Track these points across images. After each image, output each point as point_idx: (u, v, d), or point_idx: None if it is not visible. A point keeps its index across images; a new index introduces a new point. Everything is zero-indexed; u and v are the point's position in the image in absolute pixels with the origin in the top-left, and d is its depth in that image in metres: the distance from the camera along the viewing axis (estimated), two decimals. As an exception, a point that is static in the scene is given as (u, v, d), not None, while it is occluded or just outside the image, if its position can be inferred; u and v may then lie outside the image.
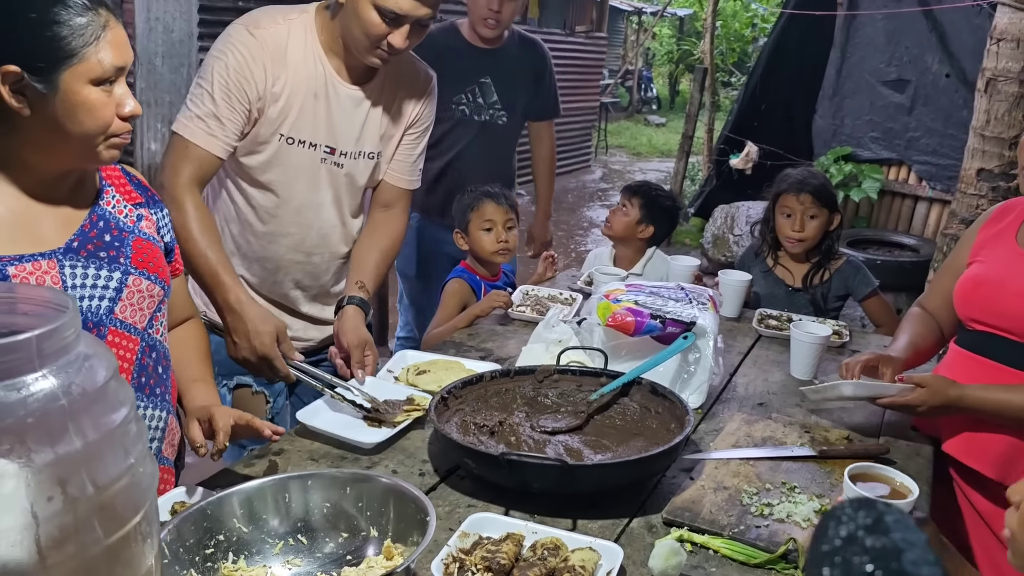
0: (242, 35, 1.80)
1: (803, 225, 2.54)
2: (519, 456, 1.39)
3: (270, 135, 1.86)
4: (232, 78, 1.77)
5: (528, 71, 2.94)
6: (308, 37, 1.85)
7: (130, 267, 1.36)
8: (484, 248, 2.51)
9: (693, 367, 1.83)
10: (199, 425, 1.41)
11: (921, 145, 6.07)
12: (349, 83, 1.90)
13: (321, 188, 1.95)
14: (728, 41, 10.94)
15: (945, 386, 1.65)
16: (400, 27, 1.75)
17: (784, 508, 1.40)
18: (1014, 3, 3.75)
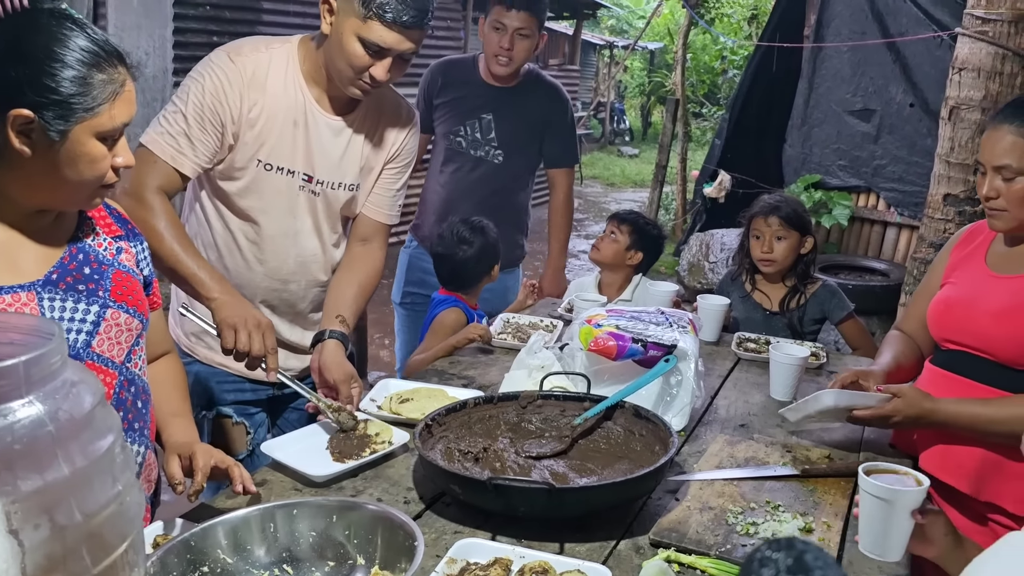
0: (222, 60, 1.82)
1: (771, 247, 2.58)
2: (506, 480, 1.38)
3: (247, 161, 1.87)
4: (207, 101, 1.78)
5: (537, 114, 2.89)
6: (290, 66, 1.87)
7: (108, 300, 1.35)
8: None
9: (675, 390, 1.84)
10: (179, 461, 1.39)
11: (888, 172, 6.20)
12: (330, 113, 1.91)
13: (299, 215, 1.96)
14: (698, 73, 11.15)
15: (919, 398, 1.67)
16: (383, 60, 1.77)
17: (769, 527, 1.41)
18: (974, 34, 3.87)
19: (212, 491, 1.93)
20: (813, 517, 1.46)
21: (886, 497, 1.29)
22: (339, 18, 1.75)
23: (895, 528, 1.30)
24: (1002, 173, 1.65)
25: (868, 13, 6.14)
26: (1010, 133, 1.64)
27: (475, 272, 2.52)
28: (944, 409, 1.67)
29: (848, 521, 1.48)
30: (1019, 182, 1.64)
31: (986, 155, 1.68)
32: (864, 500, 1.33)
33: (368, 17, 1.71)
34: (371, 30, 1.72)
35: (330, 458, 1.63)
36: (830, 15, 6.39)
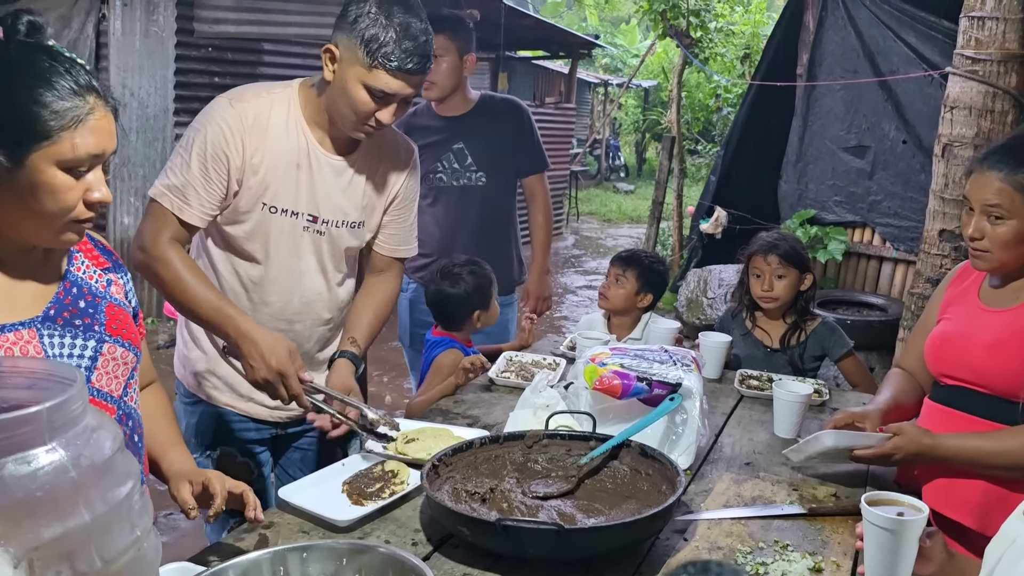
0: (223, 107, 1.84)
1: (771, 285, 2.61)
2: (515, 522, 1.38)
3: (252, 205, 1.88)
4: (210, 150, 1.80)
5: (503, 130, 2.98)
6: (291, 110, 1.89)
7: (104, 334, 1.34)
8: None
9: (681, 428, 1.85)
10: (191, 487, 1.39)
11: (883, 208, 6.25)
12: (332, 153, 1.93)
13: (304, 255, 1.97)
14: (693, 111, 11.28)
15: (919, 435, 1.68)
16: (388, 105, 1.80)
17: (779, 567, 1.41)
18: (964, 73, 3.94)
19: (219, 530, 1.93)
20: (822, 556, 1.46)
21: (893, 528, 1.31)
22: (342, 66, 1.78)
23: (903, 557, 1.31)
24: (990, 213, 1.68)
25: (860, 52, 6.25)
26: (998, 180, 1.67)
27: (462, 311, 2.53)
28: (944, 444, 1.68)
29: (857, 560, 1.48)
30: (1004, 225, 1.67)
31: (975, 196, 1.71)
32: (870, 532, 1.34)
33: (373, 66, 1.74)
34: (376, 78, 1.75)
35: (348, 501, 1.63)
36: (822, 54, 6.50)
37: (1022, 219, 1.66)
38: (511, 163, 3.03)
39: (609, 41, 20.00)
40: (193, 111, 1.87)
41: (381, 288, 2.10)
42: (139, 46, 6.14)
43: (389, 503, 1.60)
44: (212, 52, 6.14)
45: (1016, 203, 1.66)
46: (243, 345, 1.73)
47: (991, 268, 1.75)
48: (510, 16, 8.73)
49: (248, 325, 1.75)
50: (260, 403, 2.04)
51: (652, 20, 7.71)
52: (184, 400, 2.10)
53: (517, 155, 3.02)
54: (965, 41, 3.97)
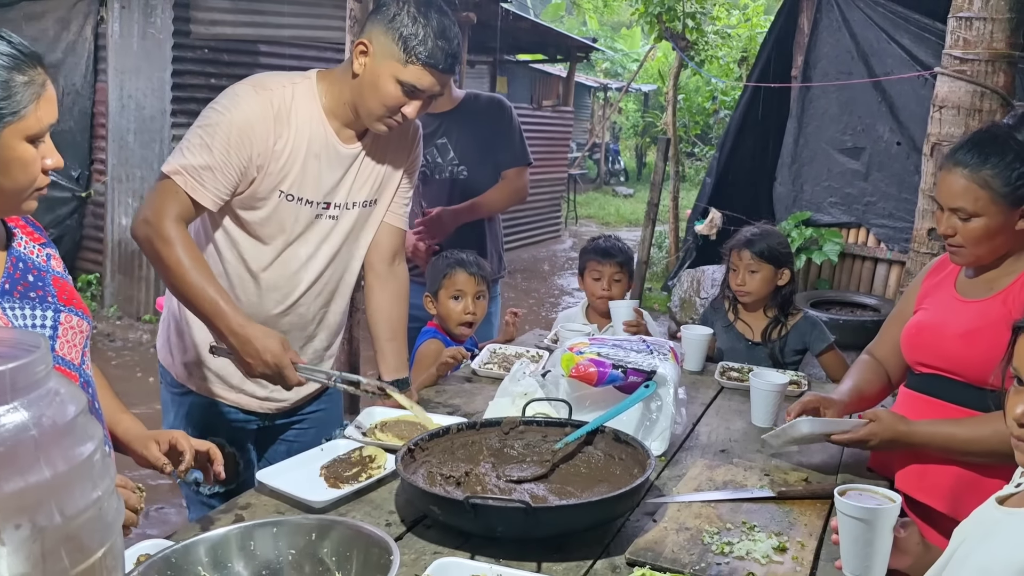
0: (248, 94, 1.85)
1: (744, 279, 2.64)
2: (483, 500, 1.41)
3: (269, 192, 1.90)
4: (235, 134, 1.81)
5: (487, 126, 3.01)
6: (312, 101, 1.92)
7: (59, 305, 1.36)
8: (451, 316, 2.56)
9: (655, 415, 1.87)
10: (158, 446, 1.43)
11: (877, 209, 6.28)
12: (348, 143, 1.97)
13: (316, 240, 2.00)
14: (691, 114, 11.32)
15: (894, 421, 1.71)
16: (415, 99, 1.85)
17: (744, 546, 1.43)
18: (952, 73, 3.97)
19: (200, 509, 1.97)
20: (787, 536, 1.48)
21: (866, 518, 1.32)
22: (375, 60, 1.82)
23: (878, 547, 1.32)
24: (957, 214, 1.71)
25: (854, 54, 6.28)
26: (963, 177, 1.70)
27: None
28: (919, 431, 1.71)
29: (822, 541, 1.50)
30: (974, 223, 1.70)
31: (942, 196, 1.74)
32: (844, 523, 1.35)
33: (409, 61, 1.80)
34: (410, 73, 1.80)
35: (325, 484, 1.66)
36: (817, 56, 6.54)
37: (989, 215, 1.69)
38: (493, 158, 3.06)
39: (609, 45, 20.07)
40: (190, 112, 1.91)
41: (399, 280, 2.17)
42: (136, 48, 6.19)
43: (365, 486, 1.63)
44: (209, 54, 6.18)
45: (981, 201, 1.69)
46: (236, 343, 1.76)
47: (967, 263, 1.79)
48: (508, 20, 8.78)
49: (240, 321, 1.77)
50: (251, 394, 2.06)
51: (648, 23, 7.75)
52: (172, 390, 2.11)
53: (499, 150, 3.05)
54: (953, 41, 4.01)
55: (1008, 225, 1.70)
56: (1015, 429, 1.14)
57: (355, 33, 4.14)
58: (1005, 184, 1.67)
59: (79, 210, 7.01)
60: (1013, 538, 1.10)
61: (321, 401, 2.21)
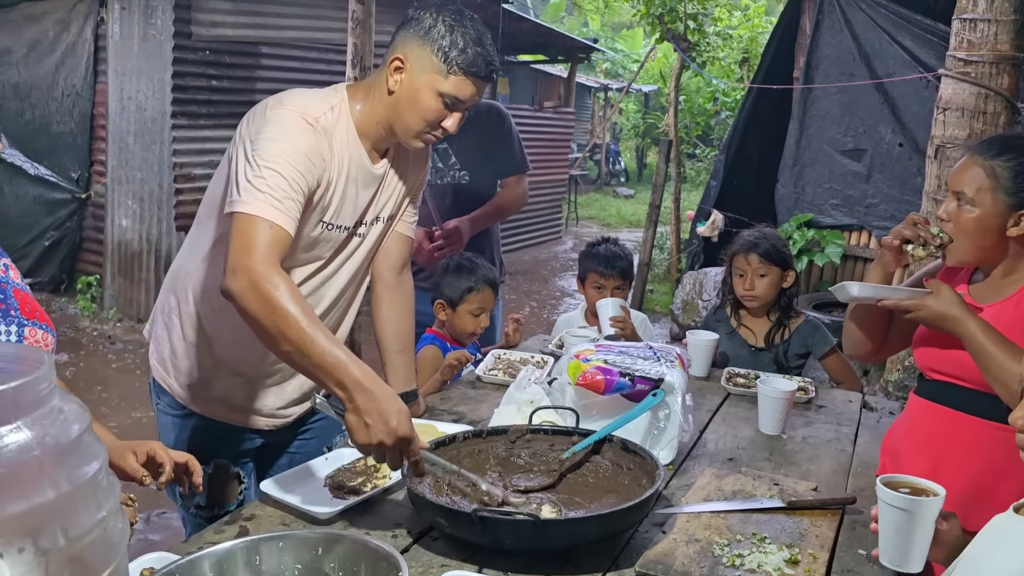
0: (300, 123, 1.74)
1: (753, 284, 2.63)
2: (491, 513, 1.39)
3: (315, 223, 1.84)
4: (304, 164, 1.71)
5: (486, 133, 3.01)
6: (349, 126, 1.86)
7: (22, 319, 1.32)
8: (466, 329, 2.57)
9: (663, 423, 1.86)
10: (135, 457, 1.40)
11: (879, 211, 6.27)
12: (376, 162, 1.93)
13: (341, 259, 1.97)
14: (692, 115, 11.30)
15: (952, 300, 1.65)
16: (455, 112, 1.82)
17: (755, 558, 1.42)
18: (956, 75, 3.96)
19: (198, 524, 1.94)
20: (799, 548, 1.46)
21: (909, 508, 1.31)
22: (412, 75, 1.78)
23: (917, 538, 1.31)
24: (958, 198, 1.70)
25: (856, 55, 6.27)
26: (975, 164, 1.69)
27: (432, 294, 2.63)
28: (967, 325, 1.63)
29: (834, 552, 1.48)
30: (968, 211, 1.68)
31: (951, 179, 1.73)
32: (884, 512, 1.34)
33: (451, 72, 1.76)
34: (451, 84, 1.76)
35: (330, 495, 1.64)
36: (819, 57, 6.52)
37: (985, 207, 1.67)
38: (492, 165, 3.06)
39: (610, 46, 20.05)
40: (190, 114, 1.85)
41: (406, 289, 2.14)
42: (137, 49, 6.17)
43: (370, 496, 1.61)
44: (210, 55, 6.15)
45: (983, 189, 1.66)
46: (358, 398, 1.47)
47: (957, 260, 1.75)
48: (508, 21, 8.76)
49: (366, 375, 1.50)
50: (256, 413, 2.02)
51: (650, 24, 7.73)
52: (171, 412, 2.03)
53: (497, 158, 3.05)
54: (957, 43, 3.99)
55: (1000, 225, 1.67)
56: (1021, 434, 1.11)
57: (357, 35, 4.13)
58: (1012, 179, 1.65)
59: (79, 212, 7.00)
60: (1008, 547, 1.09)
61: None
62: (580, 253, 2.95)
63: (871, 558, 1.38)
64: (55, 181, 6.98)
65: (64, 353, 5.76)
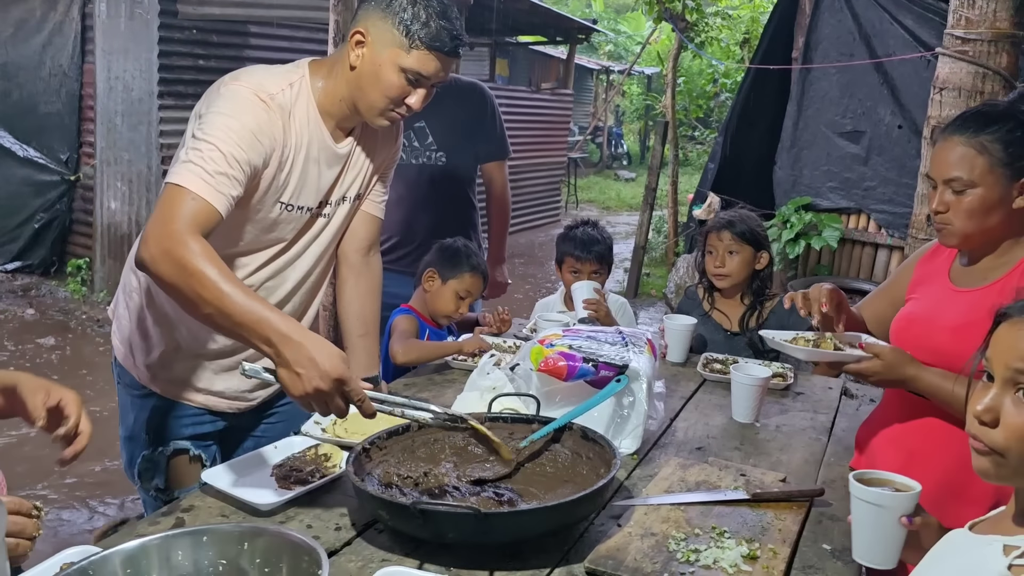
0: (253, 100, 1.69)
1: (723, 261, 2.55)
2: (432, 505, 1.32)
3: (271, 204, 1.79)
4: (248, 141, 1.65)
5: (466, 114, 2.94)
6: (309, 103, 1.79)
7: None
8: (445, 308, 2.52)
9: (627, 411, 1.79)
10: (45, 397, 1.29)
11: (878, 194, 6.16)
12: (339, 142, 1.86)
13: (305, 241, 1.91)
14: (691, 97, 11.17)
15: (902, 362, 1.61)
16: (420, 88, 1.74)
17: (711, 554, 1.35)
18: (954, 54, 3.85)
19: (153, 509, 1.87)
20: (759, 543, 1.40)
21: (879, 503, 1.26)
22: (374, 50, 1.71)
23: (890, 535, 1.27)
24: (952, 186, 1.60)
25: (855, 35, 6.14)
26: (960, 144, 1.59)
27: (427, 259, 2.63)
28: (925, 379, 1.61)
29: (796, 548, 1.42)
30: (969, 195, 1.59)
31: (936, 169, 1.63)
32: (856, 507, 1.30)
33: (413, 46, 1.68)
34: (414, 59, 1.69)
35: (276, 485, 1.57)
36: (818, 37, 6.40)
37: (987, 186, 1.58)
38: (471, 146, 2.98)
39: (612, 27, 19.87)
40: (177, 94, 1.77)
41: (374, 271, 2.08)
42: (124, 28, 6.08)
43: (316, 487, 1.55)
44: (197, 34, 6.06)
45: (979, 168, 1.58)
46: (286, 350, 1.42)
47: (957, 243, 1.68)
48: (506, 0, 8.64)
49: (290, 327, 1.45)
50: (218, 395, 1.96)
51: (648, 3, 7.61)
52: (132, 392, 1.99)
53: (477, 139, 2.97)
54: (955, 21, 3.88)
55: (1005, 200, 1.59)
56: (973, 426, 1.04)
57: (339, 12, 4.03)
58: (1004, 150, 1.57)
59: (68, 194, 6.94)
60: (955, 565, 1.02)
61: (289, 394, 2.12)
62: (558, 236, 2.87)
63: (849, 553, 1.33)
64: (44, 163, 6.91)
65: (51, 337, 5.71)
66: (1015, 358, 1.00)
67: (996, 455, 1.01)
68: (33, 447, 3.87)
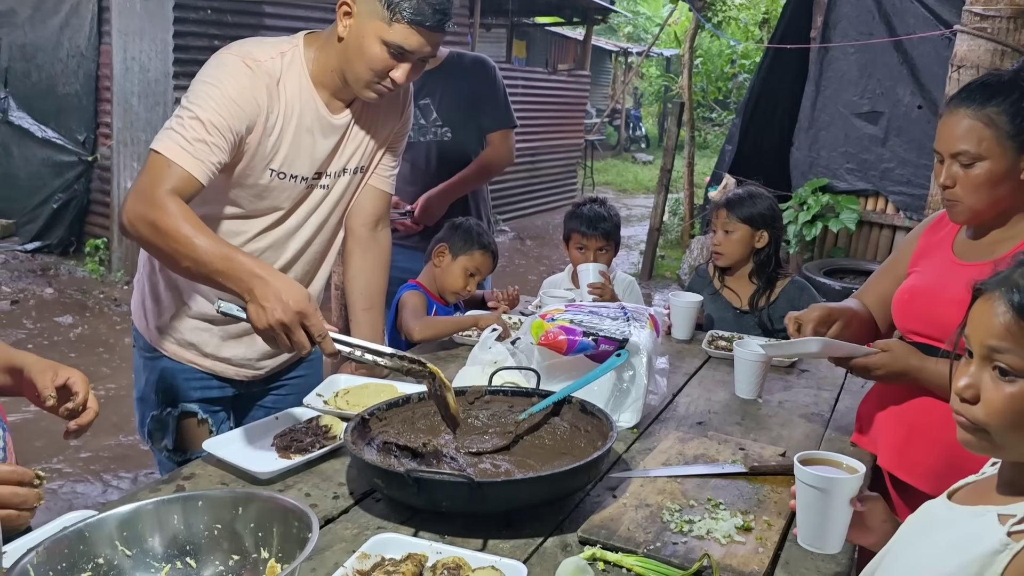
0: (239, 66, 1.73)
1: (720, 239, 2.55)
2: (426, 473, 1.33)
3: (261, 171, 1.81)
4: (227, 108, 1.68)
5: (467, 89, 2.92)
6: (301, 71, 1.81)
7: None
8: (454, 284, 2.52)
9: (627, 385, 1.79)
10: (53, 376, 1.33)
11: (896, 176, 6.09)
12: (337, 113, 1.87)
13: (305, 211, 1.93)
14: (710, 78, 11.06)
15: (906, 354, 1.60)
16: (404, 63, 1.74)
17: (705, 524, 1.35)
18: (972, 31, 3.79)
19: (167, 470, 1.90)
20: (754, 515, 1.40)
21: (821, 486, 1.22)
22: (359, 21, 1.71)
23: (833, 518, 1.23)
24: (959, 160, 1.58)
25: (875, 14, 6.05)
26: (967, 117, 1.56)
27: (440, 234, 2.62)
28: (930, 369, 1.59)
29: (792, 521, 1.41)
30: (977, 168, 1.56)
31: (942, 143, 1.61)
32: (800, 490, 1.26)
33: (394, 20, 1.68)
34: (396, 33, 1.69)
35: (276, 454, 1.59)
36: (837, 16, 6.31)
37: (994, 158, 1.56)
38: (476, 120, 2.96)
39: (631, 8, 19.68)
40: (193, 75, 1.77)
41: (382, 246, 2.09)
42: (140, 9, 6.10)
43: (316, 457, 1.57)
44: (212, 15, 6.07)
45: (986, 141, 1.55)
46: (255, 287, 1.50)
47: (965, 219, 1.65)
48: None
49: (261, 267, 1.55)
50: (226, 361, 2.00)
51: (664, -18, 7.52)
52: (144, 354, 2.04)
53: (483, 112, 2.95)
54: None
55: (1012, 173, 1.56)
56: (955, 402, 1.03)
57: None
58: (1011, 122, 1.53)
59: (86, 174, 7.00)
60: (946, 538, 1.01)
61: (301, 367, 2.15)
62: (566, 213, 2.86)
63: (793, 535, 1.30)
64: (62, 143, 6.97)
65: (69, 315, 5.79)
66: (988, 335, 0.99)
67: (980, 430, 1.00)
68: (49, 422, 3.92)
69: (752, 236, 2.52)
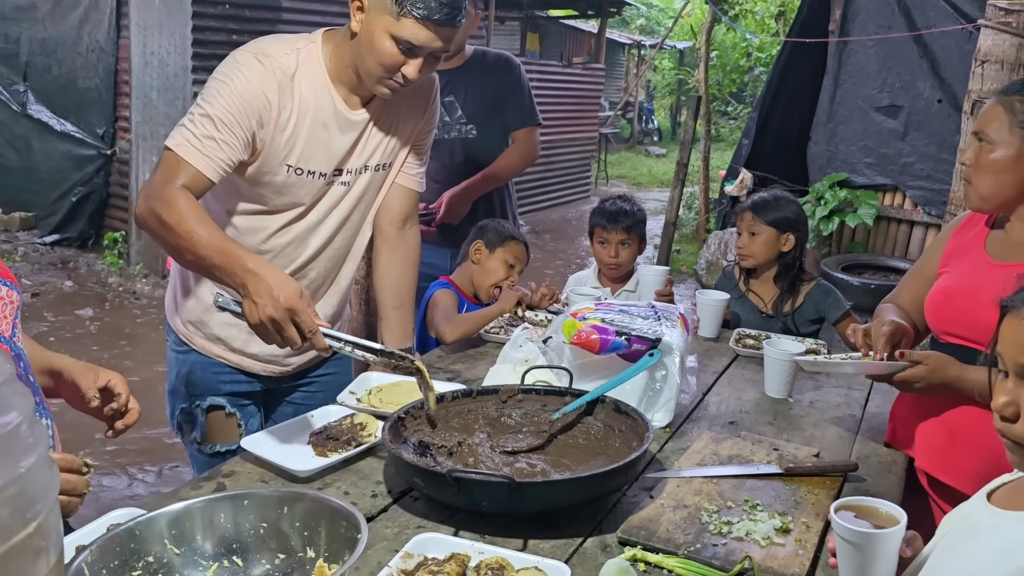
0: (250, 63, 1.75)
1: (745, 241, 2.54)
2: (466, 473, 1.34)
3: (277, 166, 1.82)
4: (236, 104, 1.71)
5: (492, 87, 2.93)
6: (318, 67, 1.82)
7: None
8: (496, 276, 2.53)
9: (660, 385, 1.79)
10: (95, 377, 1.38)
11: (915, 171, 6.05)
12: (356, 109, 1.88)
13: (326, 208, 1.94)
14: (725, 72, 11.00)
15: (945, 365, 1.59)
16: (415, 58, 1.74)
17: (744, 526, 1.35)
18: (997, 25, 3.76)
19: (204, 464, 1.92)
20: (792, 517, 1.40)
21: (860, 542, 1.12)
22: (370, 16, 1.72)
23: (876, 572, 1.14)
24: (979, 138, 1.62)
25: (894, 7, 6.01)
26: (997, 102, 1.61)
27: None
28: (970, 378, 1.57)
29: (829, 524, 1.41)
30: (988, 150, 1.60)
31: (976, 123, 1.66)
32: (840, 544, 1.17)
33: (402, 15, 1.68)
34: (404, 28, 1.69)
35: (312, 452, 1.60)
36: (856, 9, 6.26)
37: (1004, 144, 1.58)
38: (501, 118, 2.97)
39: (644, 1, 19.58)
40: (211, 69, 1.79)
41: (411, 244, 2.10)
42: (158, 4, 6.12)
43: (353, 455, 1.58)
44: (230, 9, 6.09)
45: (1003, 127, 1.59)
46: (249, 282, 1.55)
47: (975, 204, 1.68)
48: (537, -27, 8.56)
49: (256, 263, 1.58)
50: (252, 357, 2.02)
51: (680, -25, 7.48)
52: (175, 348, 2.07)
53: (507, 109, 2.95)
54: (999, -9, 3.78)
55: (1018, 165, 1.58)
56: (998, 422, 1.03)
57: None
58: None
59: (105, 168, 7.04)
60: (992, 545, 1.01)
61: (330, 364, 2.16)
62: (591, 211, 2.87)
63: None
64: (81, 137, 7.01)
65: (89, 308, 5.83)
66: (1021, 353, 0.99)
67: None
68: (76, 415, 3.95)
69: (778, 239, 2.51)
